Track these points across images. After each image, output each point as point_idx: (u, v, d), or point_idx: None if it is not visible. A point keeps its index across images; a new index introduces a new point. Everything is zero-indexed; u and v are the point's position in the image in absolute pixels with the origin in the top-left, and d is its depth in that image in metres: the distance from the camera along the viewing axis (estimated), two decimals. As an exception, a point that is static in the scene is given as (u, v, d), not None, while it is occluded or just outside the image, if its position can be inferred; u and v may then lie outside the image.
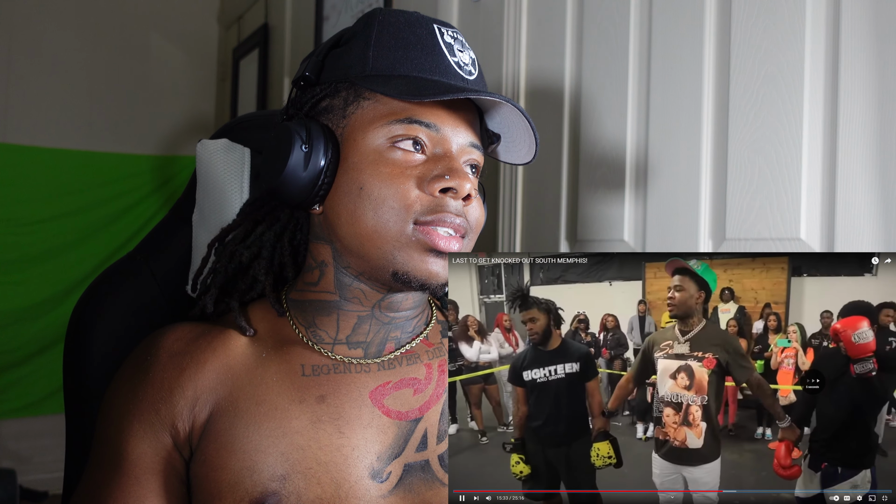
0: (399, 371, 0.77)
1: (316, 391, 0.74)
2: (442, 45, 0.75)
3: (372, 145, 0.72)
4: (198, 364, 0.75)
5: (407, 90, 0.71)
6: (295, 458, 0.70)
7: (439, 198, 0.71)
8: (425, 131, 0.72)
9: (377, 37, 0.75)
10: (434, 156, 0.73)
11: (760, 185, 1.04)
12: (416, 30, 0.75)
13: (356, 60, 0.75)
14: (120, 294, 0.90)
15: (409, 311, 0.78)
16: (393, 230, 0.71)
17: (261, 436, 0.71)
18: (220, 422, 0.72)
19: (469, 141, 0.75)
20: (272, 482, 0.69)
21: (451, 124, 0.74)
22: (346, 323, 0.77)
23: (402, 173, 0.71)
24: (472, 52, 0.79)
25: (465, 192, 0.71)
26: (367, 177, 0.71)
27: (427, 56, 0.74)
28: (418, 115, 0.72)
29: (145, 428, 0.72)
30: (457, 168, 0.72)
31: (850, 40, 0.95)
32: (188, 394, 0.73)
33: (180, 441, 0.73)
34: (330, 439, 0.71)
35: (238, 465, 0.70)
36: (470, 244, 0.76)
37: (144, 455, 0.72)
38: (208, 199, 0.91)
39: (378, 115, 0.73)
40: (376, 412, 0.74)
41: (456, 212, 0.72)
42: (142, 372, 0.75)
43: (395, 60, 0.74)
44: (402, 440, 0.74)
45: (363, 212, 0.71)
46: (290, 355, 0.76)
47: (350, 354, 0.77)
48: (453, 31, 0.78)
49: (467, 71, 0.76)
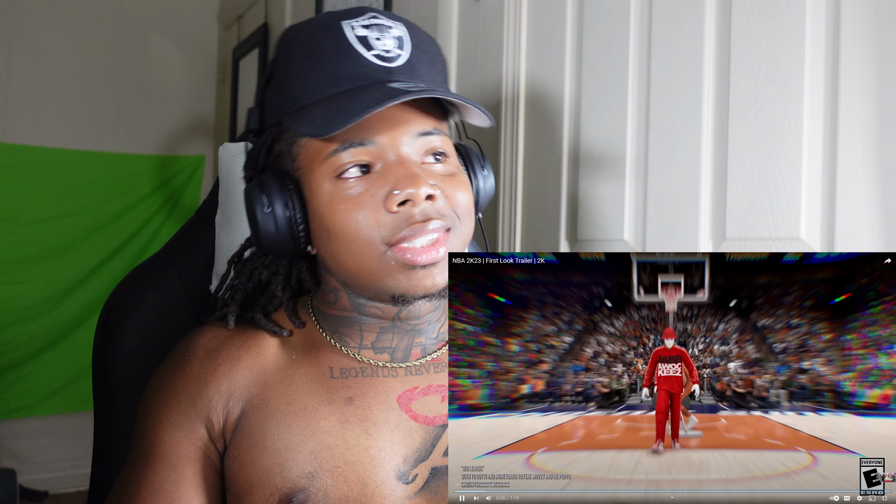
0: (427, 378, 0.78)
1: (344, 393, 0.75)
2: (353, 43, 0.71)
3: (322, 185, 0.71)
4: (232, 361, 0.76)
5: (323, 122, 0.68)
6: (323, 456, 0.71)
7: (401, 212, 0.69)
8: (361, 150, 0.70)
9: (290, 61, 0.73)
10: (382, 170, 0.70)
11: (760, 185, 1.04)
12: (324, 39, 0.72)
13: (280, 97, 0.73)
14: (147, 294, 0.92)
15: (430, 314, 0.78)
16: (371, 262, 0.70)
17: (291, 434, 0.72)
18: (252, 419, 0.74)
19: (416, 132, 0.72)
20: (301, 479, 0.70)
21: (387, 129, 0.71)
22: (369, 333, 0.78)
23: (358, 204, 0.69)
24: (400, 28, 0.74)
25: (422, 196, 0.68)
26: (329, 220, 0.71)
27: (340, 64, 0.71)
28: (351, 136, 0.70)
29: (182, 419, 0.74)
30: (404, 175, 0.69)
31: (850, 40, 0.95)
32: (223, 388, 0.75)
33: (214, 434, 0.75)
34: (357, 440, 0.73)
35: (269, 463, 0.71)
36: (463, 232, 0.74)
37: (180, 444, 0.74)
38: (230, 201, 0.92)
39: (316, 150, 0.72)
40: (403, 416, 0.75)
41: (423, 217, 0.69)
42: (179, 367, 0.77)
43: (312, 84, 0.71)
44: (430, 444, 0.75)
45: (339, 253, 0.72)
46: (318, 358, 0.77)
47: (377, 359, 0.78)
48: (367, 18, 0.73)
49: (391, 57, 0.72)
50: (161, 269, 0.94)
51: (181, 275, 0.94)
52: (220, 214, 0.94)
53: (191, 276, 0.94)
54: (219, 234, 0.94)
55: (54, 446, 3.06)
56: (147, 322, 0.90)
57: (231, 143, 0.94)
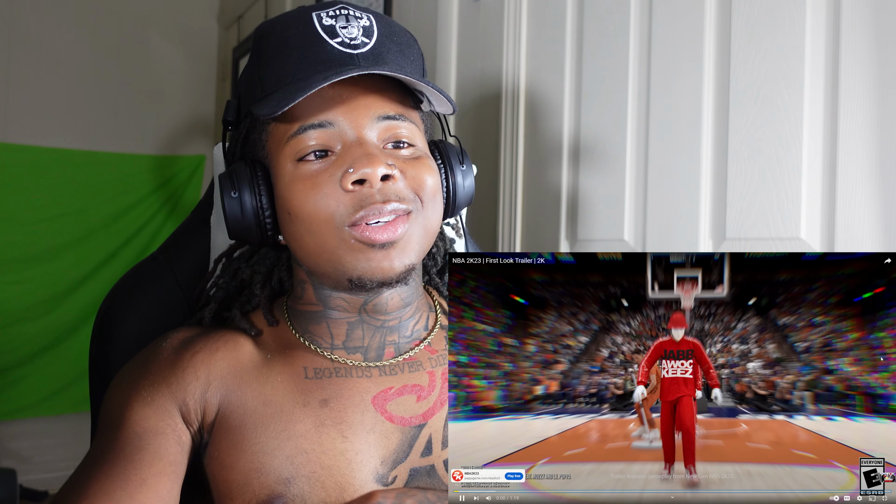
0: (401, 377, 0.77)
1: (319, 395, 0.74)
2: (319, 30, 0.72)
3: (284, 168, 0.72)
4: (210, 351, 0.75)
5: (276, 103, 0.69)
6: (299, 461, 0.70)
7: (357, 191, 0.69)
8: (320, 132, 0.71)
9: (262, 53, 0.74)
10: (340, 152, 0.71)
11: (760, 185, 1.04)
12: (292, 28, 0.73)
13: (251, 87, 0.74)
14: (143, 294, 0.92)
15: (398, 311, 0.78)
16: (330, 242, 0.70)
17: (268, 437, 0.71)
18: (231, 418, 0.73)
19: (375, 116, 0.72)
20: (278, 485, 0.69)
21: (345, 112, 0.71)
22: (338, 330, 0.77)
23: (314, 184, 0.70)
24: (368, 19, 0.74)
25: (378, 176, 0.68)
26: (289, 201, 0.71)
27: (306, 52, 0.71)
28: (308, 118, 0.71)
29: (153, 395, 0.72)
30: (361, 155, 0.69)
31: (850, 40, 0.95)
32: (200, 375, 0.74)
33: (190, 419, 0.73)
34: (333, 443, 0.72)
35: (246, 466, 0.70)
36: (427, 217, 0.74)
37: (148, 419, 0.71)
38: None
39: (278, 135, 0.73)
40: (379, 417, 0.74)
41: (382, 198, 0.69)
42: (153, 354, 0.76)
43: (279, 72, 0.72)
44: (407, 445, 0.74)
45: (300, 234, 0.72)
46: (293, 358, 0.76)
47: (350, 359, 0.77)
48: (335, 9, 0.74)
49: (356, 44, 0.72)
50: (157, 268, 0.94)
51: (177, 275, 0.94)
52: (215, 214, 0.94)
53: (187, 276, 0.94)
54: (215, 234, 0.93)
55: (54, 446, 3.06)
56: (143, 322, 0.90)
57: None
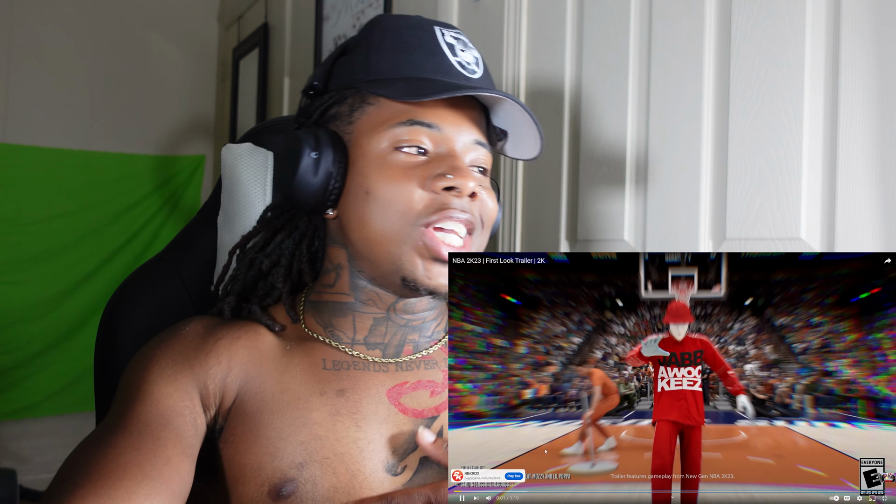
0: (417, 374, 0.79)
1: (336, 385, 0.76)
2: (443, 45, 0.76)
3: (377, 149, 0.74)
4: (233, 338, 0.77)
5: (406, 91, 0.72)
6: (313, 447, 0.72)
7: (443, 196, 0.72)
8: (427, 132, 0.73)
9: (378, 42, 0.76)
10: (437, 155, 0.74)
11: (760, 185, 1.04)
12: (417, 32, 0.76)
13: (360, 66, 0.76)
14: (149, 295, 0.93)
15: (425, 312, 0.80)
16: (400, 233, 0.72)
17: (283, 423, 0.73)
18: (248, 404, 0.74)
19: (473, 139, 0.76)
20: (291, 469, 0.71)
21: (452, 123, 0.74)
22: (363, 324, 0.79)
23: (406, 175, 0.72)
24: (477, 52, 0.80)
25: (469, 190, 0.72)
26: (372, 181, 0.73)
27: (428, 57, 0.75)
28: (420, 116, 0.73)
29: (176, 375, 0.73)
30: (459, 166, 0.72)
31: (850, 40, 0.95)
32: (223, 360, 0.75)
33: (208, 402, 0.74)
34: (347, 432, 0.73)
35: (261, 451, 0.72)
36: (481, 240, 0.77)
37: (170, 396, 0.71)
38: (232, 202, 0.93)
39: (381, 118, 0.74)
40: (393, 409, 0.76)
41: (461, 208, 0.72)
42: (178, 335, 0.77)
43: (397, 63, 0.75)
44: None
45: (371, 215, 0.73)
46: (312, 349, 0.78)
47: (369, 354, 0.79)
48: (455, 32, 0.79)
49: (470, 70, 0.77)
50: (163, 269, 0.95)
51: (183, 275, 0.94)
52: (222, 215, 0.94)
53: (193, 277, 0.95)
54: (221, 235, 0.94)
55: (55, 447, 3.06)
56: (149, 322, 0.91)
57: (233, 144, 0.95)
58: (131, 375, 0.75)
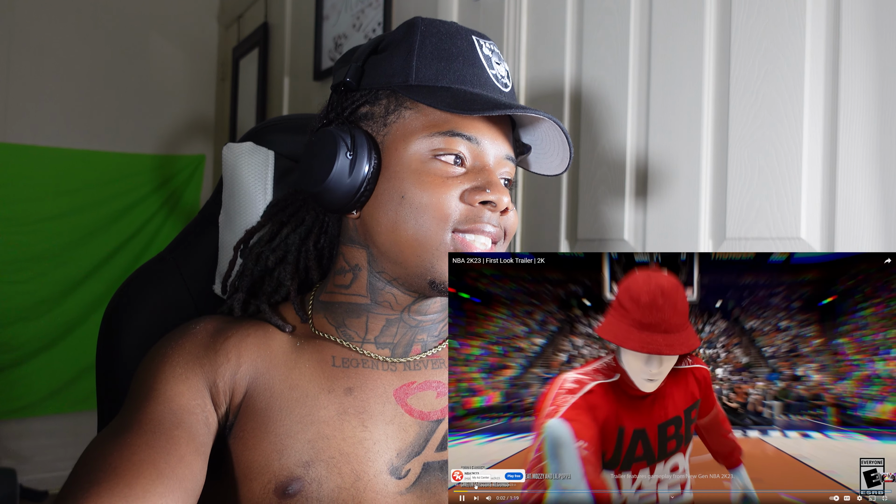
0: (424, 373, 0.79)
1: (344, 383, 0.76)
2: (481, 57, 0.77)
3: (414, 155, 0.74)
4: (242, 336, 0.78)
5: (453, 103, 0.72)
6: (320, 446, 0.73)
7: (478, 209, 0.73)
8: (466, 144, 0.74)
9: (420, 46, 0.76)
10: (473, 168, 0.74)
11: (760, 185, 1.04)
12: (457, 41, 0.77)
13: (399, 69, 0.76)
14: (150, 294, 0.93)
15: (436, 314, 0.80)
16: (433, 239, 0.72)
17: (291, 421, 0.73)
18: (257, 401, 0.75)
19: (505, 153, 0.77)
20: (297, 468, 0.72)
21: (489, 137, 0.75)
22: (375, 325, 0.79)
23: (444, 184, 0.73)
24: (507, 65, 0.81)
25: (504, 205, 0.73)
26: (409, 186, 0.73)
27: (468, 68, 0.75)
28: (460, 127, 0.74)
29: (187, 373, 0.73)
30: (495, 182, 0.73)
31: (850, 40, 0.95)
32: (232, 357, 0.76)
33: (218, 400, 0.74)
34: (353, 431, 0.74)
35: (269, 448, 0.72)
36: (500, 250, 0.78)
37: (182, 395, 0.72)
38: (233, 201, 0.93)
39: (420, 125, 0.74)
40: (399, 410, 0.77)
41: (492, 223, 0.73)
42: (189, 333, 0.78)
43: (438, 71, 0.75)
44: (423, 439, 0.76)
45: (404, 220, 0.73)
46: (322, 347, 0.79)
47: (378, 353, 0.79)
48: (490, 44, 0.79)
49: (503, 83, 0.78)
50: (164, 269, 0.95)
51: (184, 275, 0.95)
52: (223, 214, 0.94)
53: (194, 276, 0.95)
54: (222, 234, 0.94)
55: (54, 446, 3.06)
56: (151, 322, 0.91)
57: (234, 143, 0.95)
58: (143, 374, 0.75)
